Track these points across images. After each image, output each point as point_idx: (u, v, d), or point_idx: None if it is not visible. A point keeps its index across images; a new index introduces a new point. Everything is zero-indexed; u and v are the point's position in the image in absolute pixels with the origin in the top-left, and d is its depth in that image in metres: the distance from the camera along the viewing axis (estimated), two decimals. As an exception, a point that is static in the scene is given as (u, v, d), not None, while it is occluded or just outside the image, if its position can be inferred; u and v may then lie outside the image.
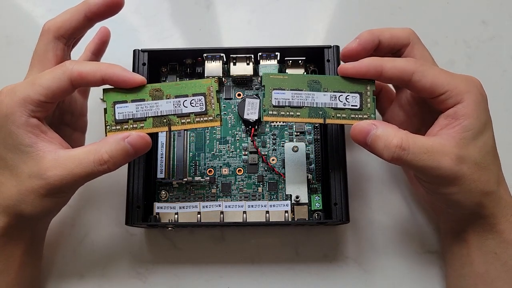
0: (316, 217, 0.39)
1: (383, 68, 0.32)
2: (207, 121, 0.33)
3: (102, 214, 0.42)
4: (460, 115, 0.31)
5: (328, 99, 0.33)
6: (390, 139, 0.30)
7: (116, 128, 0.33)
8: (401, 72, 0.31)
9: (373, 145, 0.31)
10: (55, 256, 0.41)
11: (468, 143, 0.31)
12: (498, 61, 0.46)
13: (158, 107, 0.33)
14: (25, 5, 0.49)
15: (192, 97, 0.33)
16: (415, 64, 0.32)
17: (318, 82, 0.33)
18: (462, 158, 0.30)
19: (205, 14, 0.48)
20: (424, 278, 0.40)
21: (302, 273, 0.40)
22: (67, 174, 0.30)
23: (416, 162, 0.30)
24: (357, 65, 0.32)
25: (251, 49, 0.40)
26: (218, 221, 0.38)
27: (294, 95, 0.33)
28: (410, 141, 0.30)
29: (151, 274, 0.40)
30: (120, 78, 0.32)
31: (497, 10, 0.47)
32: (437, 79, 0.31)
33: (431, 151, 0.30)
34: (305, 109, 0.33)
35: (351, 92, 0.33)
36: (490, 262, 0.33)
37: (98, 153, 0.31)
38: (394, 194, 0.42)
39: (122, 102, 0.33)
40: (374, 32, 0.34)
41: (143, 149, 0.32)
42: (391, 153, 0.30)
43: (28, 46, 0.48)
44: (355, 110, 0.33)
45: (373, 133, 0.31)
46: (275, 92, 0.33)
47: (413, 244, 0.41)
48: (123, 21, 0.48)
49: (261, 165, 0.41)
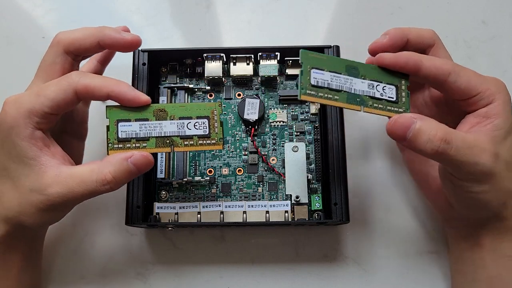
0: (316, 217, 0.39)
1: (422, 63, 0.31)
2: (209, 144, 0.33)
3: (102, 214, 0.42)
4: (492, 114, 0.31)
5: (366, 87, 0.32)
6: (434, 132, 0.30)
7: (118, 147, 0.33)
8: (438, 71, 0.31)
9: (415, 139, 0.30)
10: (55, 257, 0.41)
11: (500, 142, 0.30)
12: (498, 61, 0.46)
13: (162, 127, 0.33)
14: (25, 5, 0.49)
15: (196, 119, 0.33)
16: (452, 65, 0.31)
17: (356, 69, 0.32)
18: (497, 155, 0.30)
19: (205, 14, 0.48)
20: (424, 278, 0.40)
21: (302, 273, 0.40)
22: (68, 192, 0.30)
23: (459, 157, 0.29)
24: (397, 56, 0.32)
25: (251, 49, 0.40)
26: (218, 221, 0.38)
27: (333, 78, 0.32)
28: (453, 135, 0.30)
29: (151, 274, 0.40)
30: (126, 97, 0.32)
31: (497, 10, 0.47)
32: (472, 80, 0.31)
33: (472, 146, 0.30)
34: (343, 94, 0.32)
35: (388, 84, 0.32)
36: (503, 266, 0.33)
37: (101, 173, 0.31)
38: (394, 194, 0.42)
39: (125, 121, 0.33)
40: (403, 29, 0.34)
41: (146, 168, 0.32)
42: (436, 147, 0.29)
43: (28, 46, 0.48)
44: (391, 102, 0.32)
45: (414, 127, 0.30)
46: (314, 71, 0.31)
47: (413, 244, 0.41)
48: (123, 21, 0.48)
49: (261, 165, 0.41)
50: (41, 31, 0.47)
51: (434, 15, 0.47)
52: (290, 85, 0.42)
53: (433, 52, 0.34)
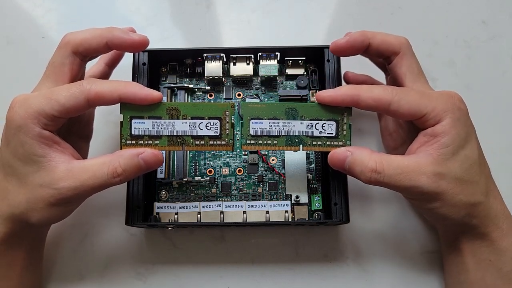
0: (316, 217, 0.39)
1: (359, 97, 0.32)
2: (220, 145, 0.34)
3: (102, 214, 0.42)
4: (438, 133, 0.31)
5: (304, 127, 0.34)
6: (365, 164, 0.31)
7: (131, 143, 0.33)
8: (377, 102, 0.32)
9: (351, 171, 0.32)
10: (55, 257, 0.41)
11: (447, 159, 0.31)
12: (498, 61, 0.46)
13: (174, 126, 0.33)
14: (25, 5, 0.49)
15: (208, 120, 0.34)
16: (391, 94, 0.32)
17: (296, 110, 0.34)
18: (440, 175, 0.31)
19: (205, 14, 0.48)
20: (424, 278, 0.40)
21: (302, 273, 0.40)
22: (80, 185, 0.31)
23: (393, 183, 0.31)
24: (333, 94, 0.33)
25: (251, 49, 0.40)
26: (218, 221, 0.38)
27: (272, 125, 0.34)
28: (384, 163, 0.31)
29: (151, 274, 0.40)
30: (138, 97, 0.32)
31: (497, 10, 0.47)
32: (415, 105, 0.32)
33: (406, 171, 0.31)
34: (282, 138, 0.34)
35: (328, 120, 0.34)
36: (486, 269, 0.33)
37: (113, 165, 0.31)
38: (394, 194, 0.42)
39: (139, 118, 0.33)
40: (366, 33, 0.34)
41: (155, 166, 0.33)
42: (368, 177, 0.31)
43: (28, 46, 0.48)
44: (331, 138, 0.34)
45: (349, 160, 0.32)
46: (253, 121, 0.34)
47: (413, 244, 0.41)
48: (123, 21, 0.48)
49: (261, 165, 0.41)
50: (41, 31, 0.47)
51: (434, 15, 0.47)
52: (290, 85, 0.42)
53: (397, 60, 0.35)
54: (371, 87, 0.32)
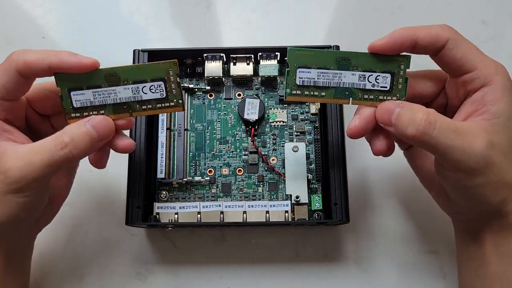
0: (316, 217, 0.39)
1: (417, 35, 0.29)
2: (169, 107, 0.32)
3: (102, 214, 0.42)
4: (488, 100, 0.29)
5: (356, 79, 0.31)
6: (415, 113, 0.28)
7: (76, 115, 0.32)
8: (435, 39, 0.29)
9: (398, 122, 0.29)
10: (55, 257, 0.41)
11: (499, 130, 0.28)
12: (498, 61, 0.46)
13: (116, 94, 0.31)
14: (25, 5, 0.49)
15: (151, 82, 0.31)
16: (449, 32, 0.30)
17: (348, 60, 0.31)
18: (492, 144, 0.28)
19: (205, 14, 0.48)
20: (424, 278, 0.40)
21: (302, 273, 0.40)
22: (26, 164, 0.29)
23: (443, 140, 0.27)
24: (387, 39, 0.30)
25: (251, 49, 0.40)
26: (218, 221, 0.38)
27: (320, 75, 0.31)
28: (438, 117, 0.28)
29: (151, 274, 0.40)
30: (68, 65, 0.30)
31: (497, 10, 0.47)
32: (470, 53, 0.29)
33: (460, 131, 0.28)
34: (331, 90, 0.32)
35: (382, 72, 0.31)
36: (508, 263, 0.31)
37: (59, 137, 0.29)
38: (394, 194, 0.42)
39: (77, 89, 0.31)
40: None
41: (107, 132, 0.31)
42: (416, 126, 0.28)
43: (28, 46, 0.48)
44: (384, 92, 0.31)
45: (398, 110, 0.29)
46: (300, 70, 0.31)
47: (413, 244, 0.41)
48: (123, 21, 0.48)
49: (261, 165, 0.41)
50: (41, 31, 0.47)
51: (434, 15, 0.47)
52: (290, 85, 0.42)
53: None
54: (426, 26, 0.30)
